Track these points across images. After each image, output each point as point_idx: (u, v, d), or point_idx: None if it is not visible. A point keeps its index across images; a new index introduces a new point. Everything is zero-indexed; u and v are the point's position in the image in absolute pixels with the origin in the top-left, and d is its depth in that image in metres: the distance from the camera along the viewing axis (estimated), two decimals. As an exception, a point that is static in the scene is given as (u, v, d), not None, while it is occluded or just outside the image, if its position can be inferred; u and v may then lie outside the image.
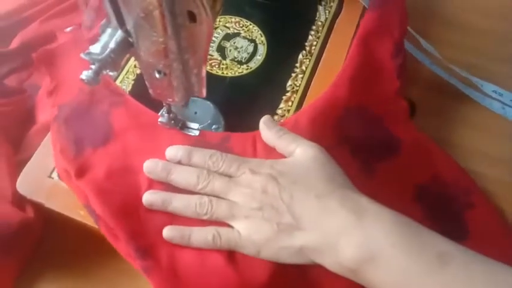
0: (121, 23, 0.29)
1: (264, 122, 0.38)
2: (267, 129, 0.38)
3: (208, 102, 0.42)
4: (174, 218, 0.36)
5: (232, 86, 0.44)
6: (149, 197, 0.36)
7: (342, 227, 0.32)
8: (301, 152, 0.36)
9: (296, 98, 0.43)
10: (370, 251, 0.30)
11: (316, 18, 0.49)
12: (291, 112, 0.42)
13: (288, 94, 0.43)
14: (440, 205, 0.43)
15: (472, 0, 0.62)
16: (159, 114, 0.40)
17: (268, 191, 0.34)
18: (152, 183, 0.37)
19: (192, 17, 0.27)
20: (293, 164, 0.35)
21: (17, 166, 0.40)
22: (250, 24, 0.48)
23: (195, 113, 0.42)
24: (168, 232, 0.35)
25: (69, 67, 0.45)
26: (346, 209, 0.32)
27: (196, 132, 0.40)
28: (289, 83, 0.44)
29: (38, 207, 0.39)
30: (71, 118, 0.41)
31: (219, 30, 0.47)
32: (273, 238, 0.33)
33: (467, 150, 0.50)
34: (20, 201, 0.38)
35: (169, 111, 0.38)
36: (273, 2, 0.50)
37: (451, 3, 0.62)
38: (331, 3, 0.50)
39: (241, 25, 0.48)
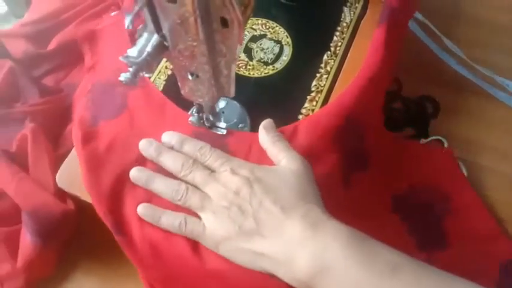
0: (157, 28, 0.30)
1: (263, 125, 0.40)
2: (264, 133, 0.39)
3: (235, 102, 0.44)
4: (151, 200, 0.38)
5: (258, 86, 0.45)
6: (135, 173, 0.39)
7: (299, 239, 0.33)
8: (285, 163, 0.37)
9: (320, 97, 0.44)
10: (323, 263, 0.31)
11: (341, 20, 0.50)
12: (316, 111, 0.43)
13: (313, 94, 0.45)
14: (418, 215, 0.44)
15: (498, -1, 0.62)
16: (189, 113, 0.42)
17: (240, 193, 0.35)
18: (146, 162, 0.40)
19: (225, 22, 0.28)
20: (273, 173, 0.37)
21: (57, 161, 0.43)
22: (276, 26, 0.49)
23: (223, 112, 0.43)
24: (141, 209, 0.38)
25: (107, 49, 0.49)
26: (305, 223, 0.33)
27: (224, 131, 0.41)
28: (314, 83, 0.45)
29: (76, 200, 0.41)
30: (98, 95, 0.44)
31: (246, 32, 0.48)
32: (233, 238, 0.34)
33: (493, 150, 0.50)
34: (61, 193, 0.41)
35: (199, 111, 0.40)
36: (298, 4, 0.51)
37: (477, 2, 0.62)
38: (356, 5, 0.51)
39: (267, 27, 0.49)
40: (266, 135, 0.39)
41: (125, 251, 0.38)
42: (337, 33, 0.48)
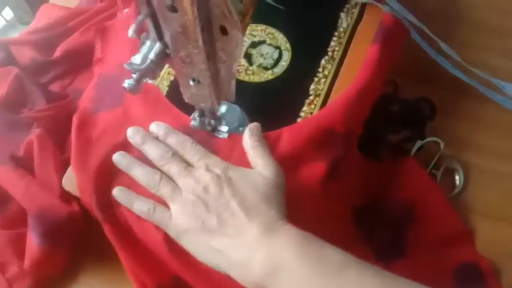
0: (160, 36, 0.32)
1: (249, 128, 0.41)
2: (248, 136, 0.40)
3: (236, 106, 0.45)
4: (132, 185, 0.40)
5: (258, 91, 0.47)
6: (117, 157, 0.41)
7: (254, 243, 0.34)
8: (260, 169, 0.38)
9: (319, 101, 0.45)
10: (275, 264, 0.33)
11: (339, 25, 0.51)
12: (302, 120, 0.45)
13: (311, 98, 0.46)
14: (379, 224, 0.45)
15: (493, 1, 0.63)
16: (191, 117, 0.43)
17: (209, 191, 0.37)
18: (132, 150, 0.41)
19: (224, 30, 0.29)
20: (245, 176, 0.38)
21: (63, 165, 0.44)
22: (275, 32, 0.50)
23: (224, 116, 0.44)
24: (117, 192, 0.40)
25: (116, 44, 0.50)
26: (262, 228, 0.34)
27: (226, 135, 0.43)
28: (312, 87, 0.46)
29: (81, 202, 0.42)
30: (102, 87, 0.47)
31: (245, 38, 0.50)
32: (194, 231, 0.36)
33: (489, 151, 0.51)
34: (66, 196, 0.42)
35: (201, 115, 0.41)
36: (297, 10, 0.52)
37: (472, 5, 0.63)
38: (353, 10, 0.52)
39: (266, 33, 0.50)
40: (249, 139, 0.40)
41: (105, 229, 0.40)
42: (335, 38, 0.50)
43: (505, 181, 0.49)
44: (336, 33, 0.50)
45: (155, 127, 0.42)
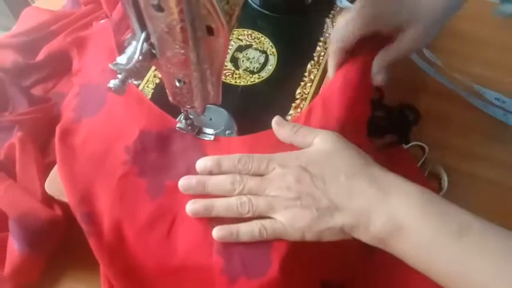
0: (146, 37, 0.31)
1: (276, 122, 0.40)
2: (281, 128, 0.40)
3: (223, 109, 0.45)
4: (124, 190, 0.39)
5: (245, 94, 0.47)
6: (192, 207, 0.38)
7: (371, 204, 0.35)
8: (320, 141, 0.38)
9: (305, 105, 0.46)
10: (396, 225, 0.33)
11: (324, 30, 0.51)
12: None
13: (297, 101, 0.46)
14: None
15: (475, 11, 0.64)
16: (177, 120, 0.43)
17: (302, 180, 0.36)
18: (117, 153, 0.40)
19: (210, 31, 0.29)
20: (316, 152, 0.38)
21: (45, 168, 0.43)
22: (261, 36, 0.51)
23: (210, 119, 0.44)
24: (217, 232, 0.37)
25: (94, 53, 0.50)
26: (374, 187, 0.35)
27: (212, 137, 0.42)
28: (299, 91, 0.47)
29: (64, 207, 0.41)
30: (84, 96, 0.46)
31: (232, 42, 0.50)
32: (315, 222, 0.35)
33: (472, 155, 0.52)
34: (48, 200, 0.41)
35: (187, 118, 0.41)
36: (283, 15, 0.53)
37: (456, 15, 0.64)
38: (339, 16, 0.53)
39: (253, 37, 0.51)
40: (284, 130, 0.40)
41: (90, 241, 0.38)
42: (320, 43, 0.50)
43: (488, 186, 0.50)
44: (322, 39, 0.51)
45: (201, 163, 0.39)
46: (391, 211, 0.34)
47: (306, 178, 0.36)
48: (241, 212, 0.37)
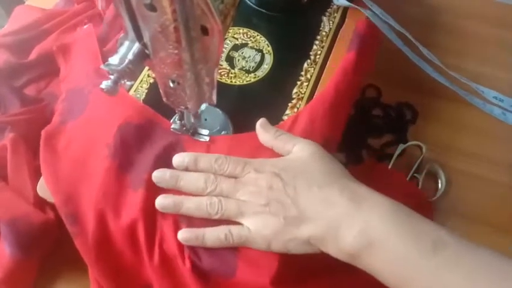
0: (138, 37, 0.31)
1: (260, 124, 0.40)
2: (264, 132, 0.40)
3: (218, 110, 0.44)
4: (107, 189, 0.38)
5: (241, 94, 0.46)
6: (162, 201, 0.38)
7: (342, 216, 0.33)
8: (299, 149, 0.37)
9: (301, 104, 0.45)
10: (368, 239, 0.32)
11: (321, 29, 0.51)
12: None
13: (294, 101, 0.45)
14: None
15: (472, 8, 0.64)
16: (171, 121, 0.42)
17: (274, 186, 0.35)
18: (98, 154, 0.40)
19: (205, 30, 0.29)
20: (293, 161, 0.37)
21: (37, 171, 0.42)
22: (257, 35, 0.50)
23: (205, 119, 0.44)
24: (183, 235, 0.37)
25: (78, 57, 0.49)
26: (345, 199, 0.34)
27: (207, 138, 0.42)
28: (295, 90, 0.46)
29: (56, 210, 0.41)
30: (70, 100, 0.45)
31: (227, 41, 0.49)
32: (281, 231, 0.35)
33: (470, 154, 0.51)
34: (40, 203, 0.41)
35: (181, 118, 0.40)
36: (279, 14, 0.52)
37: (453, 13, 0.64)
38: (335, 14, 0.52)
39: (248, 36, 0.50)
40: (267, 133, 0.39)
41: (76, 242, 0.38)
42: (317, 42, 0.49)
43: (486, 184, 0.50)
44: (318, 37, 0.50)
45: (179, 159, 0.39)
46: (362, 224, 0.33)
47: (278, 185, 0.35)
48: (210, 213, 0.36)
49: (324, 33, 0.50)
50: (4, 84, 0.49)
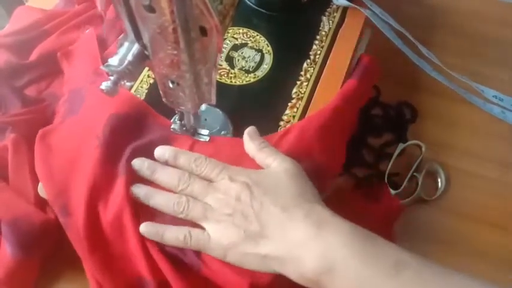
0: (138, 38, 0.31)
1: (248, 133, 0.40)
2: (250, 141, 0.40)
3: (218, 110, 0.44)
4: (99, 182, 0.39)
5: (240, 94, 0.46)
6: (134, 190, 0.38)
7: (303, 238, 0.33)
8: (277, 165, 0.38)
9: (301, 104, 0.45)
10: (329, 262, 0.32)
11: (320, 28, 0.51)
12: (296, 118, 0.44)
13: (293, 101, 0.45)
14: None
15: (472, 7, 0.64)
16: (172, 121, 0.43)
17: (241, 198, 0.36)
18: (89, 147, 0.40)
19: (204, 31, 0.29)
20: (267, 176, 0.37)
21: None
22: (257, 35, 0.50)
23: (205, 119, 0.44)
24: (144, 228, 0.37)
25: (79, 60, 0.50)
26: (308, 222, 0.34)
27: (207, 138, 0.42)
28: (295, 90, 0.46)
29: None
30: (70, 101, 0.46)
31: (227, 41, 0.49)
32: (239, 244, 0.35)
33: (469, 153, 0.52)
34: (41, 203, 0.41)
35: (181, 118, 0.40)
36: (278, 14, 0.52)
37: (452, 12, 0.64)
38: (335, 14, 0.52)
39: (248, 36, 0.50)
40: (251, 143, 0.40)
41: (68, 234, 0.38)
42: (316, 42, 0.49)
43: (485, 183, 0.50)
44: (318, 37, 0.50)
45: (160, 151, 0.40)
46: (322, 249, 0.33)
47: (246, 198, 0.35)
48: (176, 211, 0.37)
49: (323, 33, 0.50)
50: (5, 84, 0.49)
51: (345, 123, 0.46)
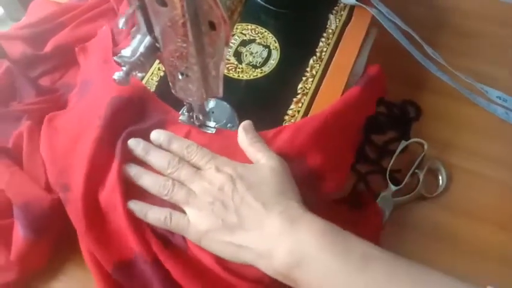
0: (150, 31, 0.32)
1: (243, 126, 0.42)
2: (243, 134, 0.41)
3: (225, 103, 0.46)
4: (96, 160, 0.41)
5: (247, 88, 0.47)
6: (126, 168, 0.41)
7: (277, 233, 0.35)
8: (264, 161, 0.39)
9: (306, 100, 0.46)
10: (300, 256, 0.33)
11: (327, 26, 0.52)
12: (301, 113, 0.45)
13: (299, 96, 0.47)
14: None
15: (478, 8, 0.65)
16: (180, 112, 0.44)
17: (224, 189, 0.37)
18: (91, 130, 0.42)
19: (212, 26, 0.30)
20: (253, 171, 0.39)
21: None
22: (265, 31, 0.51)
23: (213, 112, 0.45)
24: (131, 205, 0.40)
25: (93, 54, 0.52)
26: (284, 217, 0.35)
27: (213, 130, 0.43)
28: (300, 85, 0.47)
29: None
30: (82, 90, 0.49)
31: (236, 37, 0.51)
32: (215, 231, 0.36)
33: (472, 153, 0.52)
34: (51, 188, 0.42)
35: (189, 110, 0.42)
36: (287, 11, 0.53)
37: (458, 12, 0.65)
38: (342, 12, 0.53)
39: (256, 32, 0.51)
40: (245, 137, 0.41)
41: (67, 209, 0.40)
42: (323, 39, 0.51)
43: (487, 183, 0.50)
44: (325, 34, 0.51)
45: (156, 135, 0.42)
46: (293, 243, 0.34)
47: (228, 190, 0.37)
48: (161, 192, 0.39)
49: (330, 31, 0.51)
50: (20, 74, 0.51)
51: (347, 129, 0.46)
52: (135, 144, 0.41)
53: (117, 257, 0.39)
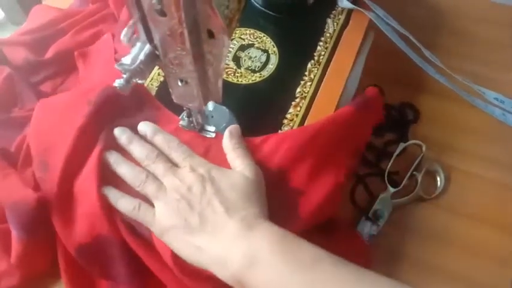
0: (150, 39, 0.33)
1: (229, 130, 0.43)
2: (228, 138, 0.42)
3: (224, 107, 0.46)
4: (76, 147, 0.41)
5: (246, 93, 0.48)
6: (106, 155, 0.42)
7: (233, 238, 0.35)
8: (241, 169, 0.40)
9: (304, 103, 0.47)
10: (252, 259, 0.34)
11: (325, 30, 0.52)
12: (299, 116, 0.46)
13: (297, 100, 0.47)
14: None
15: (474, 10, 0.65)
16: (180, 117, 0.45)
17: (193, 190, 0.38)
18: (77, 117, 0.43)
19: (211, 34, 0.31)
20: (226, 176, 0.39)
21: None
22: (263, 36, 0.52)
23: (212, 117, 0.46)
24: (104, 190, 0.41)
25: (96, 61, 0.53)
26: (243, 223, 0.36)
27: (213, 135, 0.44)
28: (298, 90, 0.48)
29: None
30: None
31: (234, 42, 0.51)
32: (177, 229, 0.37)
33: (470, 154, 0.53)
34: (39, 187, 0.43)
35: (189, 115, 0.42)
36: (285, 16, 0.54)
37: (454, 15, 0.65)
38: (340, 16, 0.54)
39: (255, 37, 0.52)
40: (229, 141, 0.42)
41: (42, 188, 0.41)
42: (321, 43, 0.51)
43: (485, 184, 0.51)
44: (322, 38, 0.52)
45: (143, 126, 0.43)
46: (247, 248, 0.35)
47: (198, 190, 0.38)
48: (134, 183, 0.40)
49: (328, 35, 0.52)
50: (22, 80, 0.51)
51: (336, 148, 0.45)
52: (120, 133, 0.43)
53: (83, 239, 0.40)
